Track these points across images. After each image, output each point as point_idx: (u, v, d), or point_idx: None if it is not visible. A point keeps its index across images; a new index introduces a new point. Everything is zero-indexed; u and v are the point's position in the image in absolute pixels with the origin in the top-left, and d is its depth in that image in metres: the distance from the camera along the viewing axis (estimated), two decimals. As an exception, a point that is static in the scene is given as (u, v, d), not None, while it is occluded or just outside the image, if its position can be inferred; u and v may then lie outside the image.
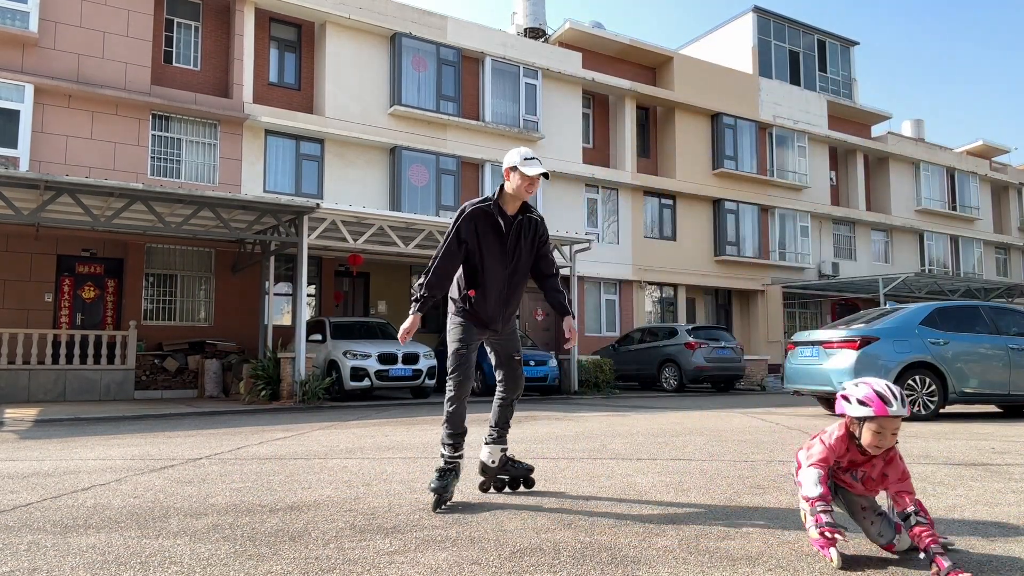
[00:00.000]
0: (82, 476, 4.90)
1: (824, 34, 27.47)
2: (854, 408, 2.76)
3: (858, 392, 2.78)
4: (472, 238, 3.87)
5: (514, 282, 3.99)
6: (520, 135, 19.77)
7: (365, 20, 17.83)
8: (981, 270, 30.31)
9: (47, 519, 3.57)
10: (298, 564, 2.76)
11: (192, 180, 15.95)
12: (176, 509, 3.78)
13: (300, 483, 4.55)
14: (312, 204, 12.78)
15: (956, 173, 30.40)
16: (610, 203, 22.11)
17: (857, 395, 2.77)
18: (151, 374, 14.93)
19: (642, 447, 6.30)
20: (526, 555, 2.87)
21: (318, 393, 12.50)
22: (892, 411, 2.69)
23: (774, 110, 25.20)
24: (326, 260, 17.83)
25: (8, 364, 13.26)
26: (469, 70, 19.65)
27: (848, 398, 2.81)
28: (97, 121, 14.91)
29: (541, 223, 4.06)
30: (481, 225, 3.88)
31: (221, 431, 8.08)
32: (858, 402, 2.75)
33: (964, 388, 9.25)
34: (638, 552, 2.90)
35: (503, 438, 4.10)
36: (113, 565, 2.76)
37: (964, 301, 11.36)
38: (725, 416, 9.64)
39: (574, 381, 15.89)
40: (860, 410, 2.74)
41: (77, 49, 14.76)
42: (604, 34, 22.44)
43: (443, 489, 3.75)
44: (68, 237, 14.94)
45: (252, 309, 16.28)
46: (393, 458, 5.70)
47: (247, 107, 16.37)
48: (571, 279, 16.66)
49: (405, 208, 17.75)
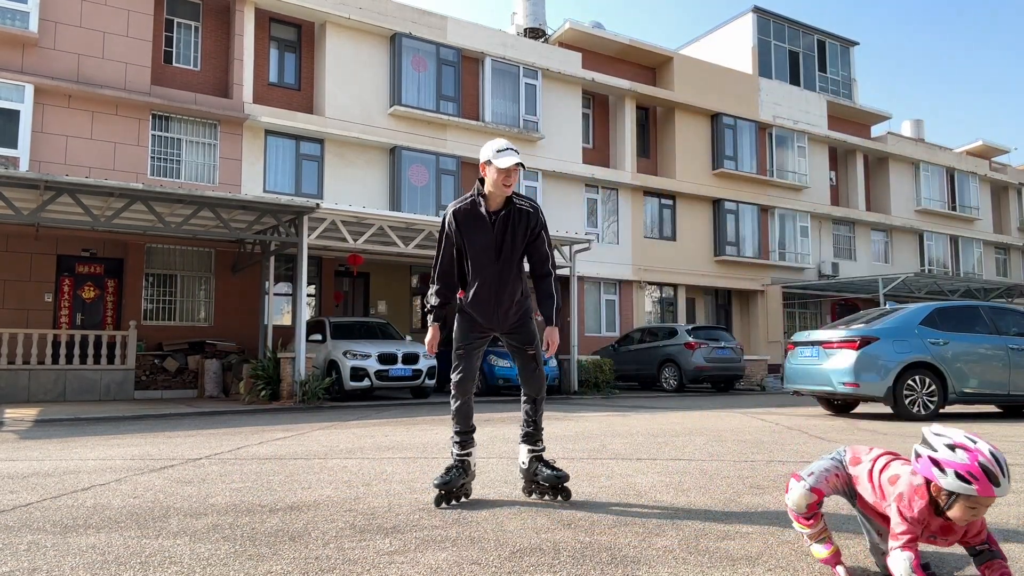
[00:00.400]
0: (82, 476, 4.90)
1: (824, 34, 27.47)
2: (950, 481, 2.21)
3: (956, 459, 2.22)
4: (458, 237, 3.82)
5: (504, 278, 3.85)
6: (520, 135, 19.77)
7: (365, 20, 17.83)
8: (981, 270, 30.31)
9: (47, 519, 3.57)
10: (298, 564, 2.76)
11: (192, 180, 15.95)
12: (176, 509, 3.78)
13: (300, 483, 4.55)
14: (312, 204, 12.78)
15: (956, 173, 30.40)
16: (610, 203, 22.11)
17: (956, 464, 2.21)
18: (151, 374, 14.93)
19: (642, 447, 6.30)
20: (526, 555, 2.87)
21: (318, 393, 12.51)
22: (999, 492, 2.17)
23: (774, 110, 25.20)
24: (326, 260, 17.83)
25: (8, 364, 13.26)
26: (469, 70, 19.65)
27: (941, 465, 2.24)
28: (97, 121, 14.91)
29: (534, 213, 3.86)
30: (465, 223, 3.80)
31: (221, 431, 8.08)
32: (956, 476, 2.20)
33: (964, 388, 9.25)
34: (638, 552, 2.90)
35: (532, 439, 3.97)
36: (113, 565, 2.76)
37: (964, 301, 11.35)
38: (725, 416, 9.64)
39: (574, 381, 15.89)
40: (958, 486, 2.20)
41: (77, 49, 14.76)
42: (604, 34, 22.44)
43: (444, 484, 3.74)
44: (68, 237, 14.94)
45: (252, 309, 16.28)
46: (393, 458, 5.70)
47: (247, 107, 16.37)
48: (571, 279, 16.66)
49: (405, 208, 17.75)
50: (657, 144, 23.98)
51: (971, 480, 2.17)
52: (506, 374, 14.74)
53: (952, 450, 2.23)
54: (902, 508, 2.33)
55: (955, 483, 2.19)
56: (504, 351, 15.30)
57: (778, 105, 25.37)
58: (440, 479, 3.77)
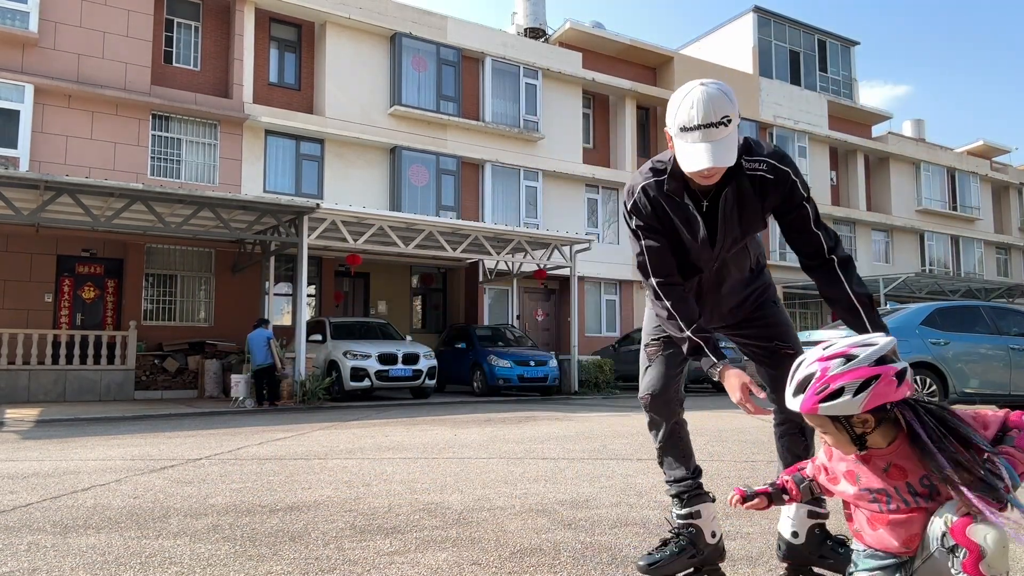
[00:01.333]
0: (82, 476, 4.89)
1: (824, 34, 27.46)
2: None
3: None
4: (655, 223, 2.35)
5: (724, 280, 2.52)
6: (520, 135, 19.77)
7: (365, 20, 17.83)
8: (982, 270, 30.30)
9: (47, 519, 3.56)
10: (298, 564, 2.75)
11: (192, 180, 15.95)
12: (176, 509, 3.77)
13: (300, 483, 4.54)
14: (312, 204, 12.78)
15: (957, 173, 30.39)
16: (610, 203, 22.11)
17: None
18: (151, 374, 14.93)
19: (642, 447, 6.29)
20: (526, 555, 2.86)
21: (318, 393, 12.51)
22: (790, 404, 1.82)
23: (774, 110, 25.20)
24: (326, 260, 17.83)
25: (8, 364, 13.26)
26: (469, 70, 19.65)
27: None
28: (97, 121, 14.91)
29: (781, 173, 2.22)
30: (661, 206, 2.32)
31: (221, 431, 8.08)
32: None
33: (965, 388, 9.25)
34: (638, 552, 2.89)
35: (811, 492, 2.16)
36: (113, 565, 2.76)
37: (965, 301, 11.35)
38: (725, 416, 9.63)
39: (574, 381, 15.88)
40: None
41: (77, 49, 14.75)
42: (604, 34, 22.44)
43: (653, 567, 2.41)
44: (68, 237, 14.93)
45: (252, 309, 16.28)
46: (393, 458, 5.69)
47: (247, 107, 16.37)
48: (571, 279, 16.67)
49: (405, 208, 17.74)
50: (657, 144, 23.96)
51: None
52: (506, 374, 14.72)
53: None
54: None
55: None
56: (504, 351, 15.32)
57: (779, 105, 25.37)
58: (647, 558, 2.46)
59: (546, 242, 16.39)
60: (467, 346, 15.88)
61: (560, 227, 19.05)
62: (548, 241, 16.31)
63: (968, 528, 1.60)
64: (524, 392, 15.55)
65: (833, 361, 1.74)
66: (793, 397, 1.79)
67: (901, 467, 1.76)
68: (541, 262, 16.74)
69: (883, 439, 1.77)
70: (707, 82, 2.06)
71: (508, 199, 19.79)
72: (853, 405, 1.70)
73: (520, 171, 19.99)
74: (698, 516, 2.45)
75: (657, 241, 2.34)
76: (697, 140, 2.03)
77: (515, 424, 8.65)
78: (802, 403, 1.75)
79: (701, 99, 2.02)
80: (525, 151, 20.05)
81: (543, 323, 20.76)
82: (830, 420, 1.76)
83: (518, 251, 16.55)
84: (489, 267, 18.45)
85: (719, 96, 2.02)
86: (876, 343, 1.79)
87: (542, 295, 20.79)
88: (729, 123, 2.01)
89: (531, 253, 16.43)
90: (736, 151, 2.07)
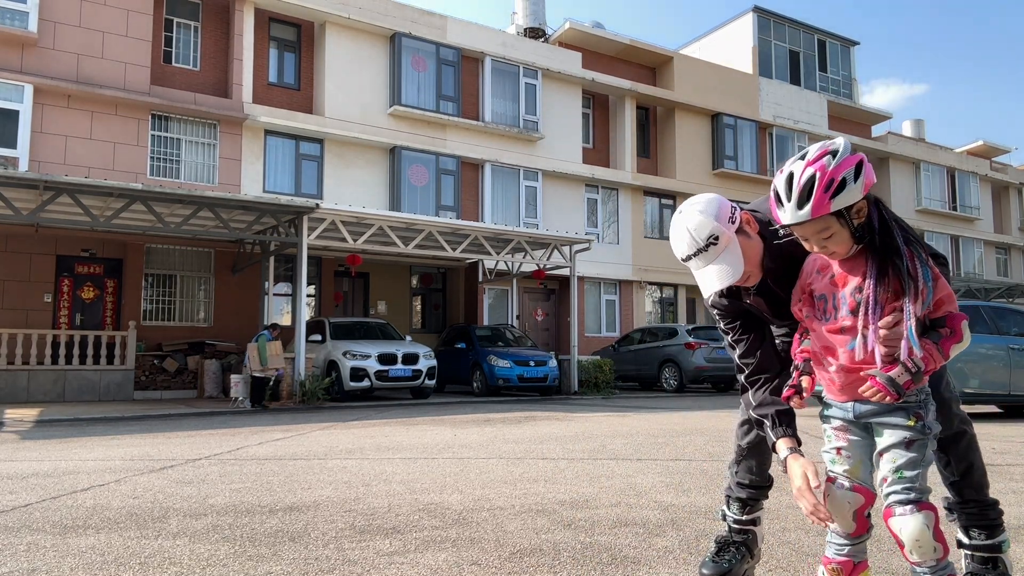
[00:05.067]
0: (81, 477, 4.89)
1: (824, 34, 27.47)
2: None
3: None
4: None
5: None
6: (520, 135, 19.76)
7: (365, 20, 17.82)
8: (981, 270, 30.31)
9: (46, 520, 3.56)
10: (298, 564, 2.75)
11: (192, 180, 15.94)
12: (176, 510, 3.77)
13: (300, 483, 4.54)
14: (312, 204, 12.78)
15: (956, 173, 30.40)
16: (610, 203, 22.11)
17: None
18: (151, 374, 14.92)
19: (642, 447, 6.29)
20: (526, 555, 2.86)
21: (318, 393, 12.50)
22: (781, 216, 1.87)
23: (774, 110, 25.20)
24: (326, 260, 17.83)
25: (8, 364, 13.25)
26: (469, 70, 19.65)
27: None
28: (96, 121, 14.90)
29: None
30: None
31: (220, 431, 8.07)
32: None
33: (964, 388, 9.24)
34: (638, 552, 2.89)
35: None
36: (112, 566, 2.76)
37: (964, 301, 11.34)
38: (725, 416, 9.62)
39: (574, 381, 15.88)
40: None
41: (77, 49, 14.75)
42: (604, 34, 22.44)
43: (717, 570, 2.47)
44: (67, 237, 14.93)
45: (252, 310, 16.27)
46: (393, 458, 5.69)
47: (247, 107, 16.36)
48: (571, 279, 16.67)
49: (405, 208, 17.74)
50: (657, 144, 23.98)
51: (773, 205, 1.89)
52: (506, 374, 14.72)
53: None
54: None
55: None
56: (504, 351, 15.32)
57: (778, 105, 25.37)
58: (713, 567, 2.47)
59: (546, 242, 16.39)
60: (467, 346, 15.88)
61: (560, 227, 19.05)
62: (548, 241, 16.31)
63: (889, 520, 1.82)
64: (524, 392, 15.54)
65: (824, 159, 1.80)
66: (799, 209, 1.80)
67: (844, 275, 1.90)
68: (541, 262, 16.74)
69: (844, 247, 1.87)
70: (685, 208, 2.04)
71: (508, 199, 19.79)
72: (856, 191, 1.78)
73: (520, 171, 19.99)
74: (758, 523, 2.57)
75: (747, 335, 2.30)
76: (698, 267, 2.03)
77: (515, 424, 8.65)
78: (813, 208, 1.78)
79: (680, 232, 2.02)
80: (525, 151, 20.04)
81: (543, 323, 20.76)
82: (835, 218, 1.80)
83: (518, 251, 16.55)
84: (489, 267, 18.45)
85: (697, 221, 1.98)
86: (835, 139, 1.89)
87: (542, 295, 20.80)
88: (718, 240, 1.97)
89: (531, 253, 16.43)
90: (740, 260, 1.99)
